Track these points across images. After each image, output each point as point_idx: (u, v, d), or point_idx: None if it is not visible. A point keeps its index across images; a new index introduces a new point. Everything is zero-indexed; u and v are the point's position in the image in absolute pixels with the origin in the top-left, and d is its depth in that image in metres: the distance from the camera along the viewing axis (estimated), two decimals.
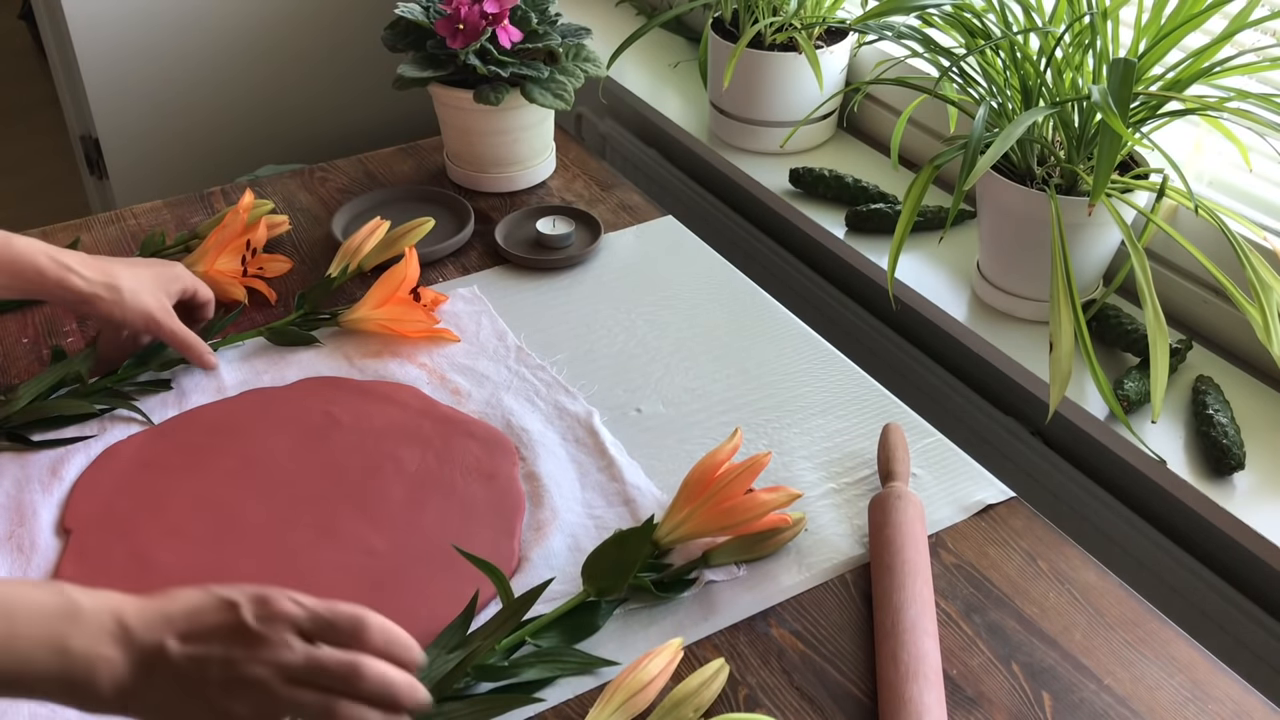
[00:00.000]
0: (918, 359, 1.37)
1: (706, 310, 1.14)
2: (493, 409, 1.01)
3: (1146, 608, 0.83)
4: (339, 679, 0.61)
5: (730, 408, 1.01)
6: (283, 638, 0.61)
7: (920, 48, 1.15)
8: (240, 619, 0.61)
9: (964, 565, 0.86)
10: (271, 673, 0.60)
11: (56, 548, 0.87)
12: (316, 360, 1.06)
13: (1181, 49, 1.05)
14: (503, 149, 1.30)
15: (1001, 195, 1.12)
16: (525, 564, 0.86)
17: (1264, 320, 0.94)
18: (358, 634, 0.62)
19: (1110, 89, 0.92)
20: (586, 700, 0.77)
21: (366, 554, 0.86)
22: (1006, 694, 0.77)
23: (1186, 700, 0.77)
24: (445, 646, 0.77)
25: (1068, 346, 0.99)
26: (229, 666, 0.60)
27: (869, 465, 0.95)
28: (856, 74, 1.51)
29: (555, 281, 1.18)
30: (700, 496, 0.83)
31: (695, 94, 1.66)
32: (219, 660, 0.60)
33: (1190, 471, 1.00)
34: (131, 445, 0.96)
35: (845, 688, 0.78)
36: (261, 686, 0.60)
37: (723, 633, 0.81)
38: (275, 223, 1.21)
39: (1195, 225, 1.12)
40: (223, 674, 0.60)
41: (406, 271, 1.06)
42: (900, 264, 1.25)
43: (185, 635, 0.60)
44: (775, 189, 1.43)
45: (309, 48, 2.03)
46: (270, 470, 0.94)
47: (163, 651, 0.59)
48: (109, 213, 1.28)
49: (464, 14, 1.20)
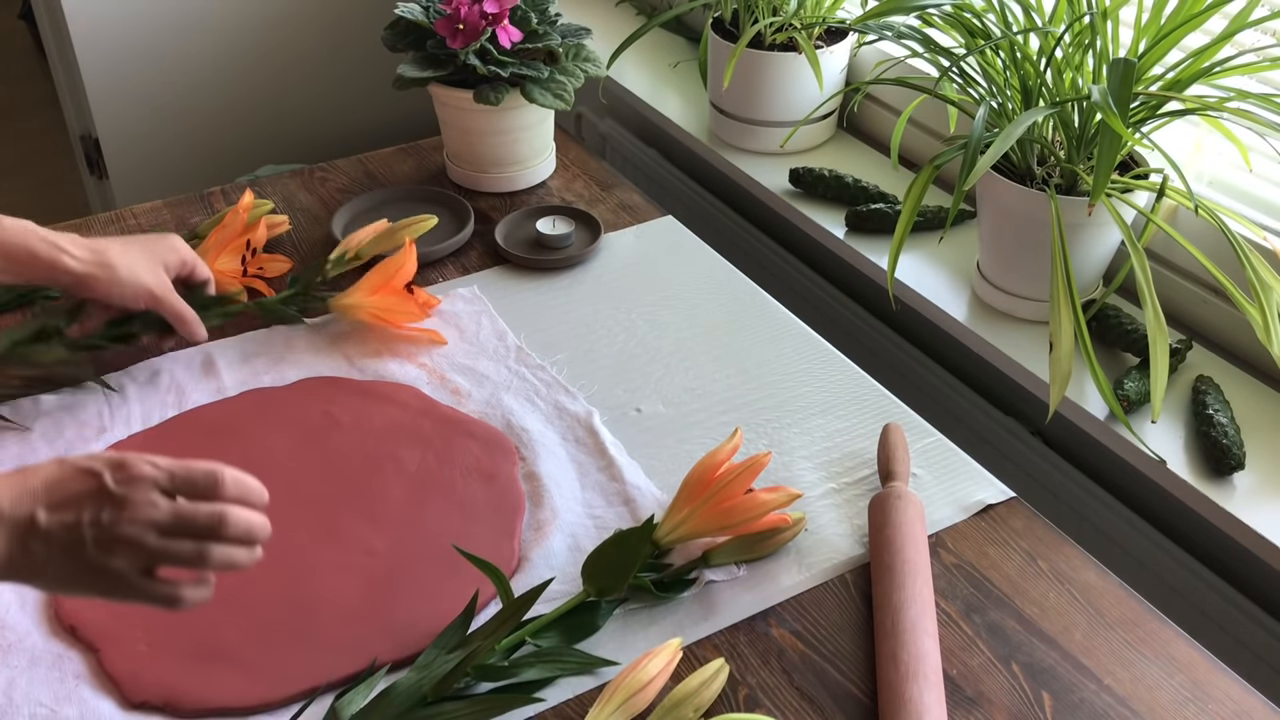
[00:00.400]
0: (918, 359, 1.37)
1: (706, 310, 1.14)
2: (493, 409, 1.01)
3: (1146, 608, 0.83)
4: (206, 528, 0.67)
5: (730, 408, 1.01)
6: (147, 497, 0.66)
7: (920, 48, 1.15)
8: (103, 484, 0.66)
9: (964, 565, 0.86)
10: (141, 529, 0.66)
11: None
12: (316, 360, 1.06)
13: (1181, 49, 1.05)
14: (503, 149, 1.30)
15: (1001, 195, 1.12)
16: (525, 564, 0.86)
17: (1264, 320, 0.94)
18: (215, 488, 0.68)
19: (1110, 89, 0.92)
20: (586, 700, 0.77)
21: (366, 554, 0.86)
22: (1006, 694, 0.77)
23: (1186, 700, 0.77)
24: (445, 646, 0.77)
25: (1068, 346, 0.99)
26: (100, 529, 0.65)
27: (869, 465, 0.95)
28: (856, 74, 1.51)
29: (555, 281, 1.18)
30: (700, 496, 0.83)
31: (695, 94, 1.65)
32: (89, 523, 0.65)
33: (1190, 471, 1.00)
34: (131, 445, 0.96)
35: (845, 688, 0.78)
36: (135, 542, 0.66)
37: (723, 633, 0.81)
38: (275, 223, 1.21)
39: (1195, 225, 1.12)
40: (96, 535, 0.65)
41: (404, 262, 1.06)
42: (900, 264, 1.25)
43: (52, 505, 0.65)
44: (775, 189, 1.43)
45: (309, 48, 2.03)
46: (270, 470, 0.94)
47: (33, 523, 0.64)
48: (109, 213, 1.28)
49: (464, 14, 1.20)
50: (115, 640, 0.79)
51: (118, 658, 0.78)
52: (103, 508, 0.65)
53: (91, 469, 0.66)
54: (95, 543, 0.65)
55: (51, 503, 0.65)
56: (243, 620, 0.81)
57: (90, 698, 0.76)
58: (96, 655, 0.79)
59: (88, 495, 0.66)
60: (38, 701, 0.75)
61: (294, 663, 0.78)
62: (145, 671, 0.77)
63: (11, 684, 0.76)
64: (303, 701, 0.76)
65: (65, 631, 0.81)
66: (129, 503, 0.66)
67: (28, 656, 0.78)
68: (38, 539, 0.64)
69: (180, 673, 0.77)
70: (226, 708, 0.76)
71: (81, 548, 0.65)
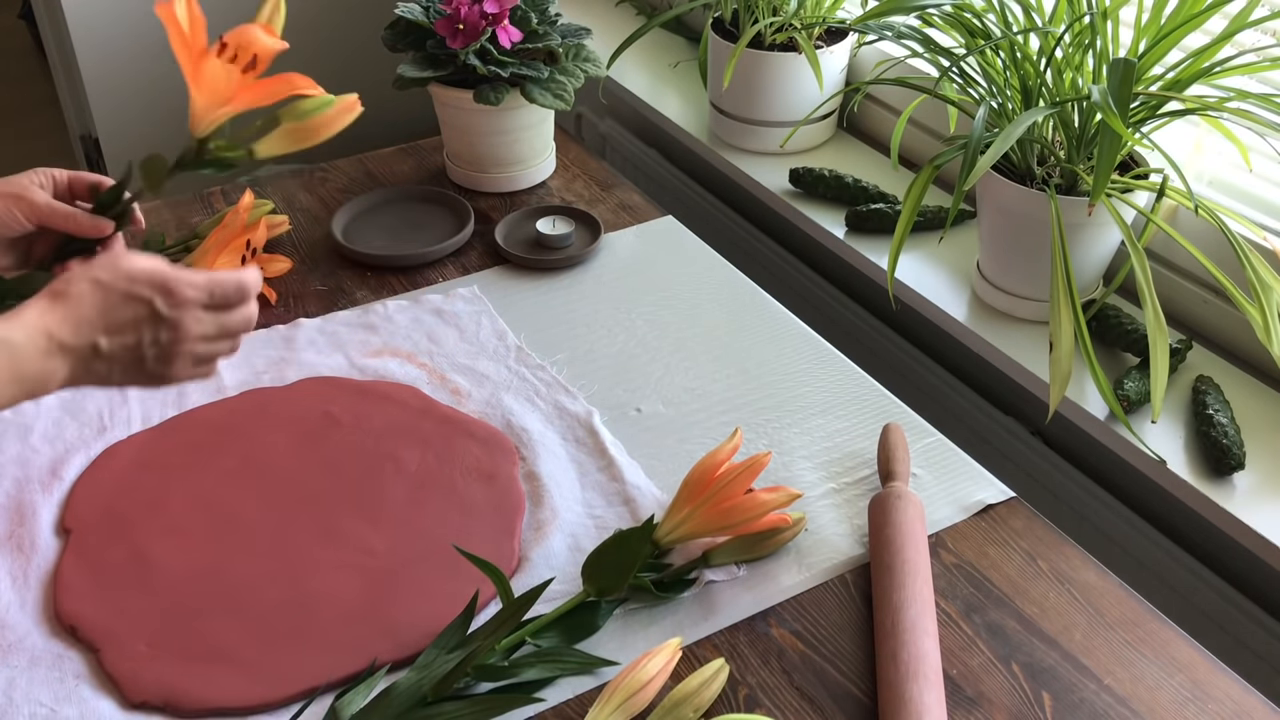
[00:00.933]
0: (918, 359, 1.37)
1: (706, 310, 1.14)
2: (493, 409, 1.01)
3: (1146, 608, 0.83)
4: (240, 329, 0.80)
5: (730, 408, 1.01)
6: (194, 315, 0.76)
7: (920, 48, 1.15)
8: (155, 310, 0.75)
9: (964, 565, 0.86)
10: (192, 342, 0.77)
11: (56, 547, 0.87)
12: (316, 360, 1.06)
13: (1181, 49, 1.05)
14: (503, 149, 1.30)
15: (1001, 195, 1.12)
16: (525, 564, 0.86)
17: (1264, 320, 0.94)
18: (246, 297, 0.79)
19: (1110, 89, 0.92)
20: (586, 700, 0.77)
21: (366, 554, 0.86)
22: (1006, 694, 0.77)
23: (1186, 700, 0.77)
24: (445, 646, 0.77)
25: (1068, 346, 0.99)
26: (158, 347, 0.75)
27: (869, 465, 0.95)
28: (856, 74, 1.51)
29: (555, 281, 1.18)
30: (700, 496, 0.83)
31: (695, 94, 1.66)
32: (149, 344, 0.75)
33: (1190, 471, 1.00)
34: (131, 445, 0.96)
35: (845, 688, 0.78)
36: (187, 353, 0.77)
37: (723, 633, 0.81)
38: (275, 223, 1.21)
39: (1195, 225, 1.12)
40: (155, 353, 0.75)
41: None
42: (900, 264, 1.25)
43: (110, 331, 0.74)
44: (775, 189, 1.43)
45: (309, 48, 2.03)
46: (270, 470, 0.94)
47: (96, 349, 0.73)
48: None
49: (464, 14, 1.20)
50: (115, 640, 0.79)
51: (118, 658, 0.78)
52: (159, 330, 0.75)
53: (140, 295, 0.74)
54: (155, 359, 0.76)
55: (109, 328, 0.74)
56: (243, 620, 0.81)
57: (90, 698, 0.76)
58: (96, 655, 0.79)
59: (144, 320, 0.75)
60: (38, 701, 0.75)
61: (294, 663, 0.78)
62: (145, 671, 0.77)
63: (11, 684, 0.76)
64: (303, 701, 0.76)
65: (65, 631, 0.81)
66: (180, 324, 0.76)
67: (28, 656, 0.78)
68: (101, 361, 0.74)
69: (180, 673, 0.77)
70: (226, 708, 0.76)
71: (142, 364, 0.76)
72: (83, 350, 0.73)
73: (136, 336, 0.75)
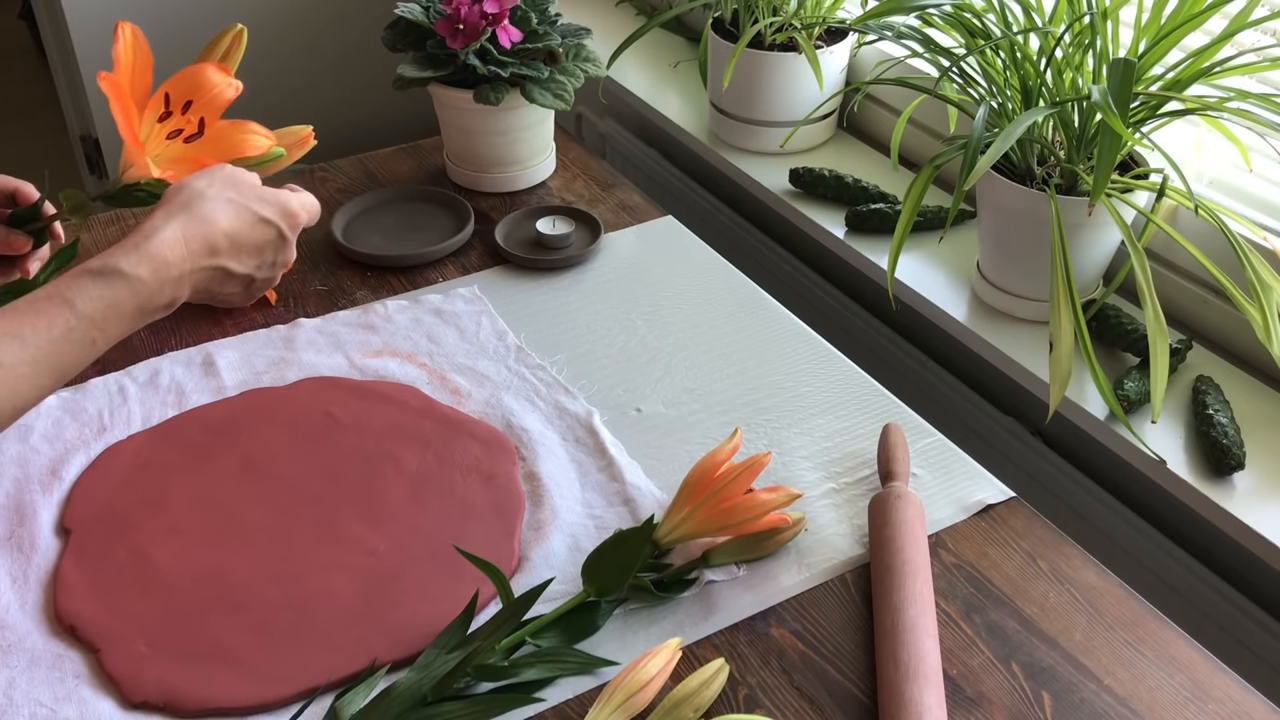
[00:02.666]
0: (918, 359, 1.37)
1: (706, 310, 1.14)
2: (493, 409, 1.01)
3: (1146, 608, 0.83)
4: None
5: (730, 408, 1.01)
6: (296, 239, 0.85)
7: (920, 48, 1.15)
8: (281, 233, 0.82)
9: (964, 565, 0.86)
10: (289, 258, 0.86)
11: (56, 548, 0.87)
12: (316, 360, 1.06)
13: (1181, 49, 1.05)
14: (503, 149, 1.30)
15: (1001, 195, 1.12)
16: (525, 564, 0.86)
17: (1264, 320, 0.94)
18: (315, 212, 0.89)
19: (1110, 89, 0.92)
20: (586, 700, 0.77)
21: (366, 554, 0.86)
22: (1006, 694, 0.77)
23: (1186, 700, 0.77)
24: (445, 646, 0.77)
25: (1068, 346, 0.99)
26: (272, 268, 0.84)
27: (869, 465, 0.95)
28: (856, 74, 1.51)
29: (555, 281, 1.18)
30: (700, 496, 0.83)
31: (695, 94, 1.66)
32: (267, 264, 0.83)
33: (1190, 471, 1.00)
34: (131, 445, 0.96)
35: (845, 688, 0.78)
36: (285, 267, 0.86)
37: (723, 633, 0.81)
38: None
39: (1195, 225, 1.12)
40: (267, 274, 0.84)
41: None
42: (900, 264, 1.25)
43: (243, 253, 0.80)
44: (775, 189, 1.43)
45: (309, 48, 2.03)
46: (270, 470, 0.94)
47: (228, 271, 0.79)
48: (109, 213, 1.28)
49: (464, 14, 1.20)
50: (115, 640, 0.79)
51: (118, 658, 0.78)
52: (279, 252, 0.83)
53: (270, 219, 0.81)
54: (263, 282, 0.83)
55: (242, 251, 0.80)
56: (243, 620, 0.81)
57: (90, 698, 0.76)
58: (96, 655, 0.79)
59: (269, 243, 0.81)
60: (38, 701, 0.75)
61: (294, 663, 0.78)
62: (145, 671, 0.77)
63: (11, 684, 0.76)
64: (302, 701, 0.76)
65: (65, 631, 0.81)
66: (291, 246, 0.84)
67: (28, 656, 0.78)
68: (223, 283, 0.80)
69: (180, 673, 0.77)
70: (226, 708, 0.76)
71: (252, 284, 0.83)
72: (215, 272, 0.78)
73: (260, 259, 0.81)
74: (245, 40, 0.98)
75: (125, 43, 0.89)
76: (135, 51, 0.91)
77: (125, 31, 0.90)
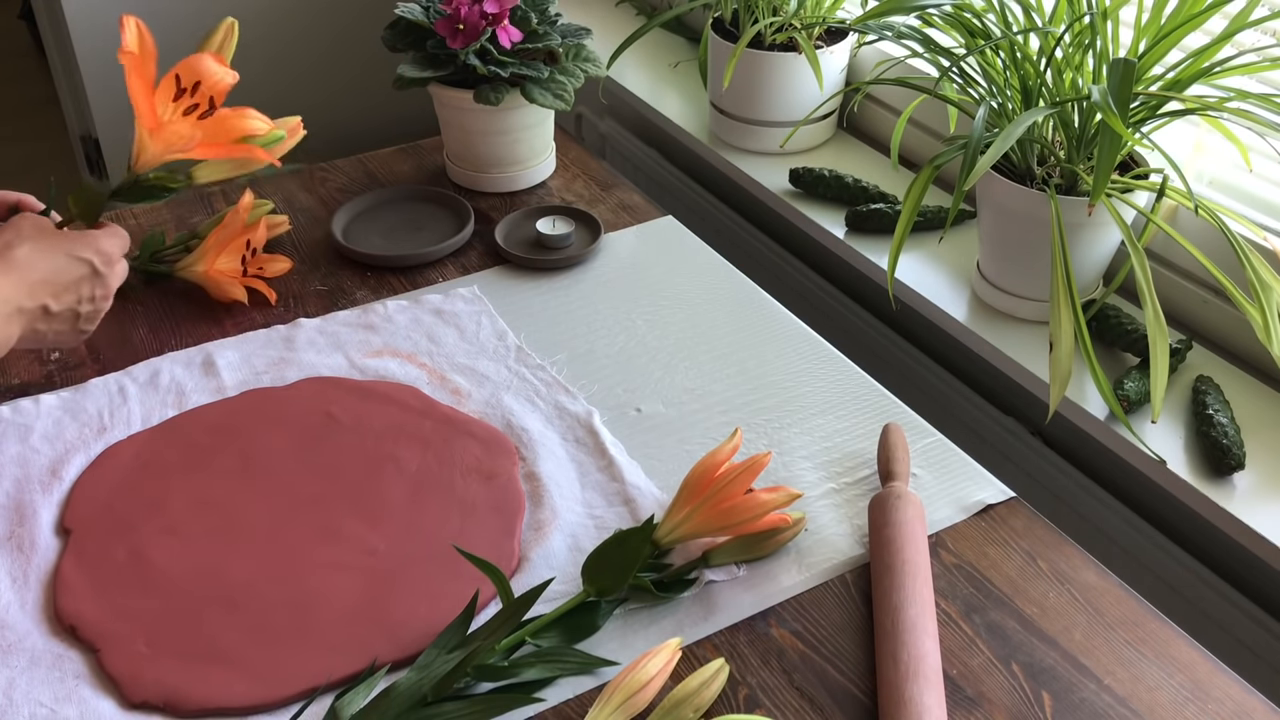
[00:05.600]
0: (918, 359, 1.37)
1: (706, 310, 1.14)
2: (493, 409, 1.01)
3: (1146, 608, 0.83)
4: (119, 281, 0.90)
5: (730, 408, 1.01)
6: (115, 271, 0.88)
7: (920, 48, 1.15)
8: (94, 269, 0.86)
9: (964, 565, 0.86)
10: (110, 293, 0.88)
11: (56, 548, 0.87)
12: (316, 360, 1.06)
13: (1181, 49, 1.05)
14: (503, 149, 1.30)
15: (1001, 195, 1.12)
16: (525, 564, 0.86)
17: (1264, 320, 0.94)
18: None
19: (1110, 89, 0.92)
20: (586, 700, 0.77)
21: (366, 554, 0.86)
22: (1006, 694, 0.77)
23: (1186, 700, 0.77)
24: (445, 646, 0.77)
25: (1068, 346, 0.99)
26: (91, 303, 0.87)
27: (869, 465, 0.95)
28: (856, 74, 1.51)
29: (555, 281, 1.18)
30: (700, 496, 0.83)
31: (695, 94, 1.66)
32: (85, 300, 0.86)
33: (1190, 471, 1.00)
34: (131, 445, 0.96)
35: (845, 688, 0.78)
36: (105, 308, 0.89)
37: (723, 633, 0.81)
38: (275, 223, 1.21)
39: (1195, 225, 1.12)
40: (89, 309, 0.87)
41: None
42: (900, 264, 1.25)
43: (59, 291, 0.84)
44: (775, 189, 1.43)
45: (309, 48, 2.03)
46: (270, 470, 0.94)
47: (47, 310, 0.83)
48: (109, 213, 1.28)
49: (464, 14, 1.20)
50: (115, 640, 0.79)
51: (118, 658, 0.78)
52: (95, 287, 0.86)
53: (82, 256, 0.85)
54: (86, 317, 0.87)
55: (58, 289, 0.83)
56: (243, 620, 0.81)
57: (90, 698, 0.76)
58: (96, 655, 0.79)
59: (85, 279, 0.85)
60: (38, 701, 0.75)
61: (294, 663, 0.78)
62: (145, 671, 0.77)
63: (11, 684, 0.76)
64: (302, 701, 0.76)
65: (65, 631, 0.81)
66: (108, 280, 0.87)
67: (28, 656, 0.78)
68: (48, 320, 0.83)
69: (180, 673, 0.77)
70: (226, 708, 0.76)
71: (77, 320, 0.86)
72: (34, 312, 0.81)
73: (78, 295, 0.84)
74: (237, 33, 1.00)
75: (133, 33, 0.92)
76: (143, 42, 0.93)
77: (131, 24, 0.93)
